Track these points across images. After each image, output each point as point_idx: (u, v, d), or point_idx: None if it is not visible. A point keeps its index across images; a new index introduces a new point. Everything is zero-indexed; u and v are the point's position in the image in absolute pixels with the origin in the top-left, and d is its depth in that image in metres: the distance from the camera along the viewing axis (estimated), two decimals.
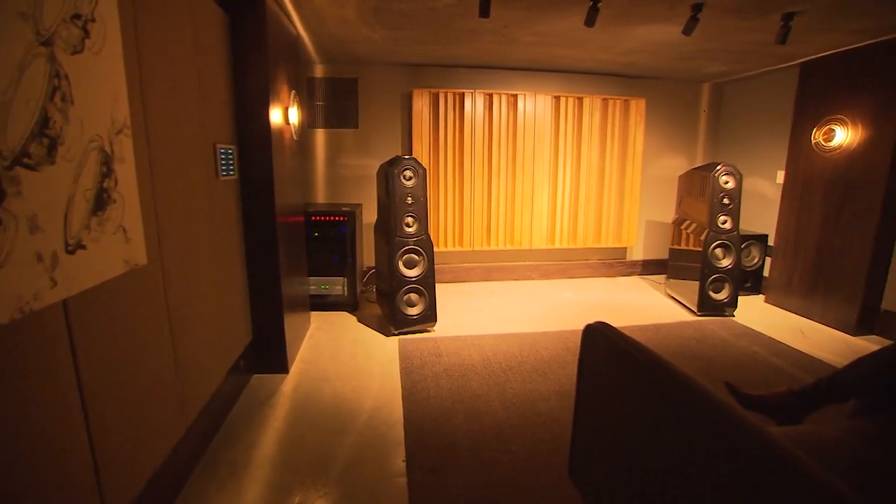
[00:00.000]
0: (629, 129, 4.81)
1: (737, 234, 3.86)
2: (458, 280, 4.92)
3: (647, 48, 3.69)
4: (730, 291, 3.87)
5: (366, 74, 4.43)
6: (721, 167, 3.81)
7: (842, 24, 3.02)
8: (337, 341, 3.33)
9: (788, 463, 0.72)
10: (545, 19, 3.01)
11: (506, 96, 4.52)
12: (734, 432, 0.80)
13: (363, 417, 2.39)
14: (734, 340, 3.39)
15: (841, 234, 3.70)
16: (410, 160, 3.29)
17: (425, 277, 3.35)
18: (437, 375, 2.79)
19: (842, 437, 1.43)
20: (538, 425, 2.28)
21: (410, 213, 3.30)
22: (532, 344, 3.23)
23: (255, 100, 2.48)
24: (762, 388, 1.99)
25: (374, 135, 4.56)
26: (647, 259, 5.33)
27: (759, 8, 2.75)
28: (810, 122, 3.91)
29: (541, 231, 4.82)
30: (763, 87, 4.66)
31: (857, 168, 3.57)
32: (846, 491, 0.64)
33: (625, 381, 1.09)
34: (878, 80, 3.43)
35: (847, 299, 3.66)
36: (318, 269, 3.82)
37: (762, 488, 0.75)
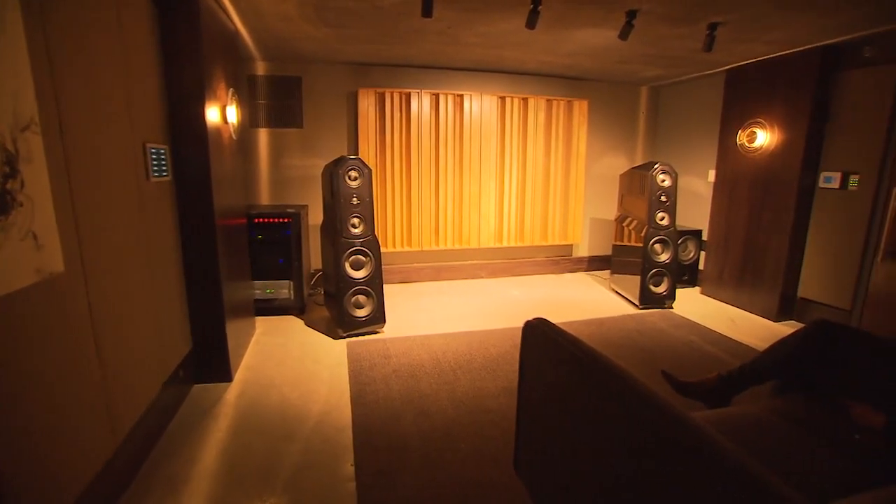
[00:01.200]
0: (573, 130, 4.96)
1: (674, 229, 4.07)
2: (408, 280, 4.90)
3: (588, 51, 3.82)
4: (668, 284, 4.08)
5: (310, 73, 4.33)
6: (658, 166, 4.01)
7: (759, 35, 3.25)
8: (284, 346, 3.24)
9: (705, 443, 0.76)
10: (487, 20, 3.05)
11: (452, 96, 4.55)
12: (658, 417, 0.84)
13: (311, 423, 2.34)
14: (673, 331, 3.57)
15: (764, 229, 3.98)
16: (355, 160, 3.25)
17: (373, 278, 3.31)
18: (387, 377, 2.77)
19: (760, 415, 1.54)
20: (487, 422, 2.31)
21: (356, 214, 3.26)
22: (481, 342, 3.27)
23: (190, 97, 2.36)
24: (697, 374, 2.12)
25: (319, 134, 4.47)
26: (592, 255, 5.52)
27: (687, 17, 2.91)
28: (735, 125, 4.19)
29: (489, 230, 4.89)
30: (695, 91, 4.93)
31: (776, 168, 3.86)
32: (752, 464, 0.69)
33: (562, 375, 1.12)
34: (789, 87, 3.72)
35: (769, 289, 3.94)
36: (263, 273, 3.70)
37: (682, 466, 0.79)
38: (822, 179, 3.69)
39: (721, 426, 1.48)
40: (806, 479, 1.23)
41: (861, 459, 1.35)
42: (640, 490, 0.86)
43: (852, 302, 3.53)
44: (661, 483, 0.82)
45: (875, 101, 3.34)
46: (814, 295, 3.78)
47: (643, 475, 0.86)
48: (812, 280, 3.80)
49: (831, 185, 3.61)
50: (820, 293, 3.74)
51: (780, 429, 1.48)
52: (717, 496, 0.69)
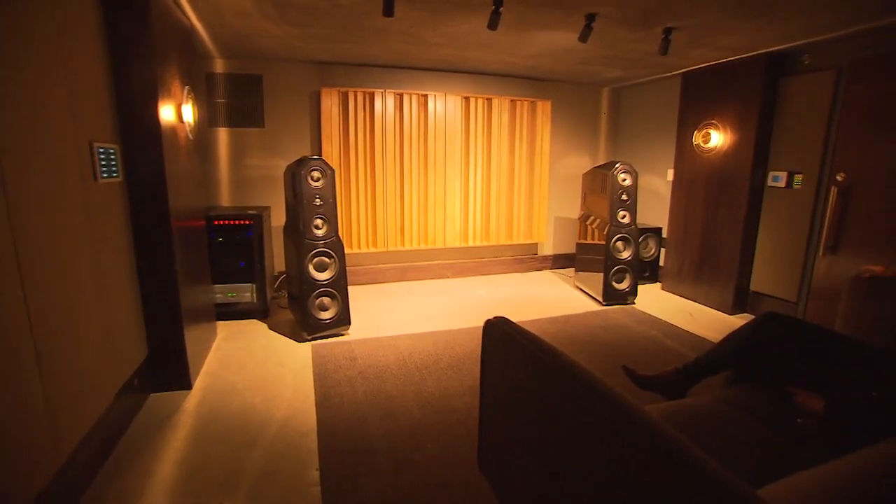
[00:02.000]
0: (536, 130, 5.04)
1: (635, 227, 4.19)
2: (374, 281, 4.87)
3: (550, 53, 3.88)
4: (630, 281, 4.19)
5: (271, 71, 4.24)
6: (619, 165, 4.11)
7: (711, 41, 3.38)
8: (246, 351, 3.16)
9: (653, 434, 0.79)
10: (450, 21, 3.06)
11: (416, 96, 4.54)
12: (610, 411, 0.86)
13: (274, 428, 2.29)
14: (635, 326, 3.67)
15: (719, 226, 4.15)
16: (318, 160, 3.20)
17: (337, 280, 3.27)
18: (352, 379, 2.74)
19: (712, 406, 1.60)
20: (453, 422, 2.32)
21: (319, 215, 3.22)
22: (447, 341, 3.28)
23: (142, 95, 2.27)
24: (657, 368, 2.18)
25: (281, 134, 4.38)
26: (557, 254, 5.62)
27: (643, 22, 2.99)
28: (692, 126, 4.34)
29: (454, 230, 4.91)
30: (654, 93, 5.09)
31: (729, 167, 4.02)
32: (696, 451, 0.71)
33: (521, 372, 1.13)
34: (740, 90, 3.89)
35: (724, 283, 4.11)
36: (225, 276, 3.60)
37: (634, 457, 0.81)
38: (770, 178, 3.87)
39: (676, 417, 1.53)
40: (752, 462, 1.29)
41: (803, 442, 1.43)
42: (596, 482, 0.88)
43: (798, 294, 3.72)
44: (614, 474, 0.84)
45: (814, 105, 3.53)
46: (765, 288, 3.96)
47: (599, 469, 0.88)
48: (763, 274, 3.98)
49: (779, 184, 3.80)
50: (770, 286, 3.92)
51: (729, 417, 1.55)
52: (664, 482, 0.71)
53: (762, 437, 1.45)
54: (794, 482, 0.72)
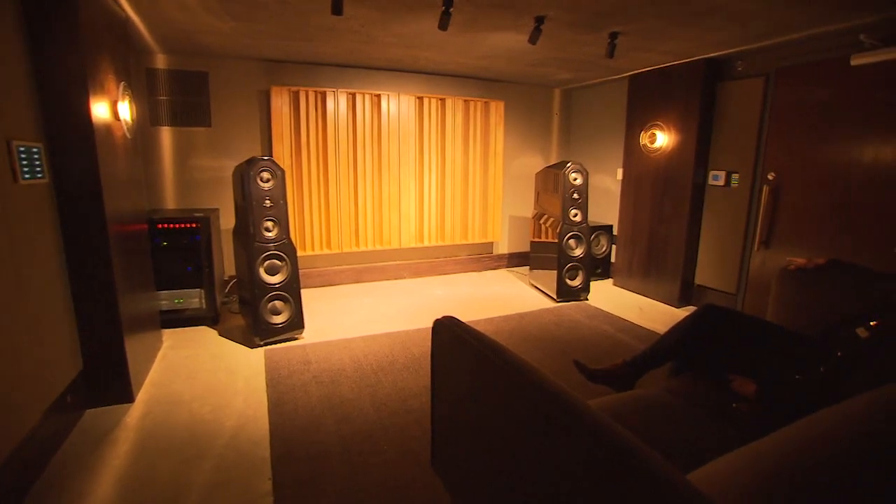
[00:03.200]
0: (490, 130, 5.09)
1: (586, 225, 4.31)
2: (329, 283, 4.79)
3: (502, 54, 3.93)
4: (583, 278, 4.31)
5: (218, 68, 4.09)
6: (570, 165, 4.22)
7: (654, 45, 3.53)
8: (195, 359, 3.03)
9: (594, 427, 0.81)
10: (400, 20, 3.05)
11: (369, 96, 4.50)
12: (553, 405, 0.87)
13: (224, 438, 2.21)
14: (587, 321, 3.78)
15: (665, 223, 4.33)
16: (267, 161, 3.12)
17: (290, 283, 3.20)
18: (306, 384, 2.68)
19: (657, 396, 1.66)
20: (409, 422, 2.31)
21: (270, 217, 3.13)
22: (403, 342, 3.27)
23: (69, 89, 2.13)
24: (608, 361, 2.24)
25: (230, 134, 4.23)
26: (512, 252, 5.70)
27: (590, 25, 3.08)
28: (638, 127, 4.51)
29: (409, 230, 4.89)
30: (603, 95, 5.25)
31: (673, 166, 4.21)
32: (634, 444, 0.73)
33: (470, 370, 1.14)
34: (682, 94, 4.07)
35: (671, 278, 4.29)
36: (171, 282, 3.45)
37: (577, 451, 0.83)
38: (711, 177, 4.07)
39: (623, 408, 1.59)
40: (691, 446, 1.35)
41: (738, 424, 1.51)
42: (542, 475, 0.90)
43: (737, 286, 3.94)
44: (557, 466, 0.86)
45: (747, 109, 3.75)
46: (708, 282, 4.17)
47: (544, 462, 0.90)
48: (706, 268, 4.19)
49: (718, 183, 4.00)
50: (712, 280, 4.13)
51: (672, 406, 1.62)
52: (602, 472, 0.73)
53: (701, 423, 1.52)
54: (722, 462, 0.75)
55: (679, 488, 0.60)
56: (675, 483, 0.61)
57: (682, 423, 1.50)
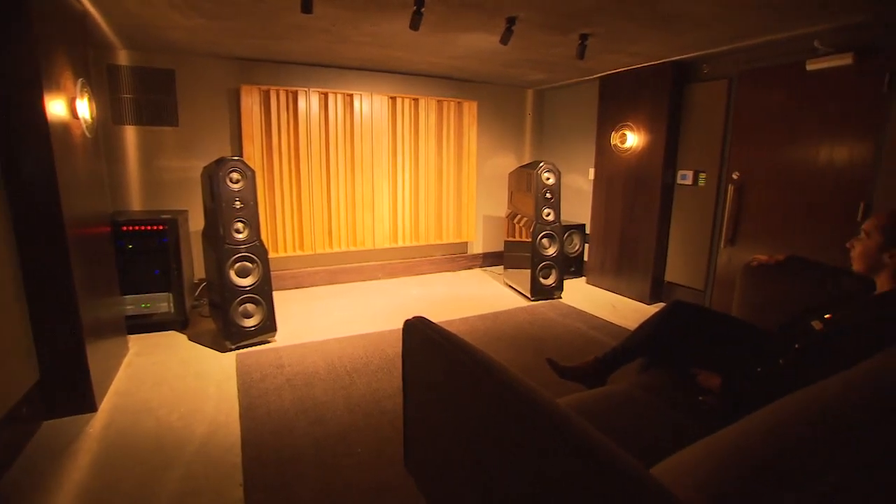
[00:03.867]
0: (463, 130, 5.11)
1: (559, 224, 4.36)
2: (302, 285, 4.72)
3: (475, 55, 3.95)
4: (556, 276, 4.36)
5: (185, 66, 3.98)
6: (543, 165, 4.26)
7: (623, 47, 3.59)
8: (163, 365, 2.95)
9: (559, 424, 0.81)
10: (372, 20, 3.03)
11: (342, 96, 4.46)
12: (521, 403, 0.88)
13: (194, 446, 2.15)
14: (561, 319, 3.83)
15: (636, 222, 4.42)
16: (237, 161, 3.05)
17: (261, 285, 3.14)
18: (279, 387, 2.64)
19: (627, 391, 1.70)
20: (383, 423, 2.30)
21: (240, 219, 3.07)
22: (377, 343, 3.25)
23: (21, 87, 2.03)
24: (581, 358, 2.27)
25: (198, 134, 4.12)
26: (486, 252, 5.73)
27: (561, 27, 3.12)
28: (609, 127, 4.59)
29: (383, 231, 4.87)
30: (575, 95, 5.32)
31: (643, 166, 4.30)
32: (598, 440, 0.74)
33: (440, 370, 1.14)
34: (651, 95, 4.16)
35: (642, 275, 4.38)
36: (137, 286, 3.34)
37: (545, 448, 0.84)
38: (679, 177, 4.18)
39: (594, 405, 1.61)
40: (658, 439, 1.38)
41: (704, 417, 1.55)
42: (511, 472, 0.90)
43: (705, 283, 4.05)
44: (525, 463, 0.86)
45: (713, 110, 3.86)
46: (677, 278, 4.28)
47: (512, 459, 0.90)
48: (676, 265, 4.29)
49: (686, 182, 4.11)
50: (682, 277, 4.24)
51: (641, 401, 1.65)
52: (568, 467, 0.74)
53: (669, 417, 1.56)
54: (685, 454, 0.77)
55: (640, 481, 0.61)
56: (637, 476, 0.62)
57: (650, 417, 1.53)
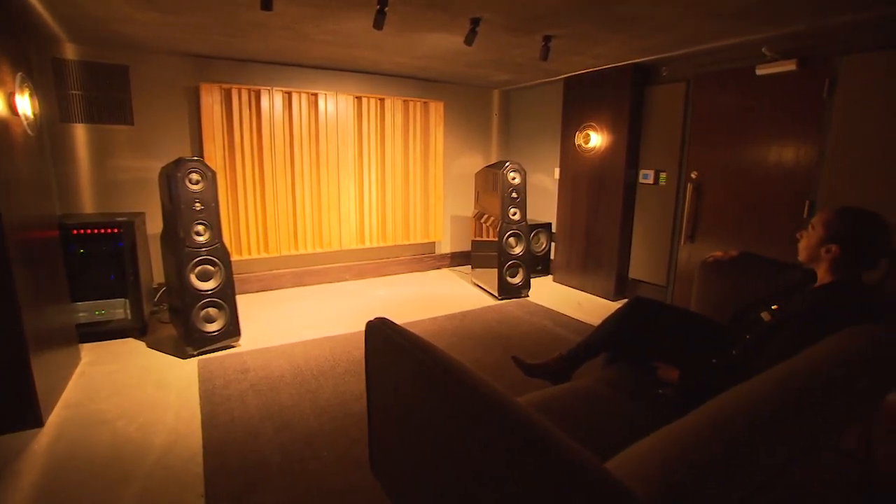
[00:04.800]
0: (430, 130, 5.10)
1: (525, 224, 4.41)
2: (267, 288, 4.62)
3: (440, 55, 3.95)
4: (523, 275, 4.41)
5: (140, 62, 3.83)
6: (509, 164, 4.30)
7: (586, 49, 3.67)
8: (119, 374, 2.83)
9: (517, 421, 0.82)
10: (335, 18, 2.99)
11: (306, 95, 4.38)
12: (477, 401, 0.89)
13: (153, 457, 2.08)
14: (528, 318, 3.87)
15: (600, 220, 4.52)
16: (196, 162, 2.96)
17: (223, 289, 3.06)
18: (243, 393, 2.58)
19: (590, 386, 1.73)
20: (351, 426, 2.27)
21: (201, 221, 2.98)
22: (345, 345, 3.21)
23: None
24: (547, 356, 2.30)
25: (155, 133, 3.98)
26: (454, 252, 5.74)
27: (524, 28, 3.16)
28: (574, 128, 4.68)
29: (350, 231, 4.82)
30: (540, 96, 5.40)
31: (606, 166, 4.40)
32: (555, 436, 0.76)
33: (401, 371, 1.14)
34: (613, 96, 4.26)
35: (607, 273, 4.49)
36: (90, 292, 3.20)
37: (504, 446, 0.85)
38: (641, 176, 4.29)
39: (557, 401, 1.64)
40: (619, 432, 1.41)
41: (664, 409, 1.60)
42: (474, 471, 0.91)
43: (667, 279, 4.18)
44: (487, 461, 0.87)
45: (672, 111, 3.99)
46: (641, 275, 4.40)
47: (475, 458, 0.91)
48: (639, 262, 4.41)
49: (648, 181, 4.23)
50: (645, 273, 4.36)
51: (603, 395, 1.69)
52: (526, 465, 0.75)
53: (630, 410, 1.60)
54: (638, 447, 0.80)
55: (593, 474, 0.63)
56: (591, 469, 0.63)
57: (612, 411, 1.57)
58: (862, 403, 1.17)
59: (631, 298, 2.07)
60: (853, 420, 1.53)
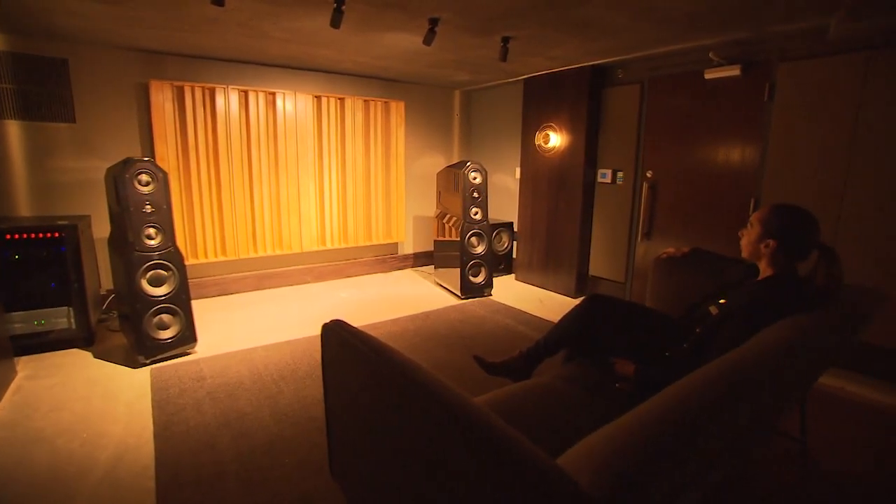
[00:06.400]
0: (391, 130, 5.07)
1: (487, 223, 4.45)
2: (226, 292, 4.48)
3: (400, 55, 3.93)
4: (486, 274, 4.45)
5: (81, 56, 3.63)
6: (469, 164, 4.33)
7: (543, 51, 3.73)
8: (61, 387, 2.68)
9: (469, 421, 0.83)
10: (292, 16, 2.93)
11: (263, 94, 4.27)
12: (431, 402, 0.89)
13: (98, 474, 1.97)
14: (491, 316, 3.91)
15: (560, 219, 4.61)
16: (146, 162, 2.84)
17: (178, 294, 2.94)
18: (199, 401, 2.49)
19: (549, 383, 1.76)
20: (312, 430, 2.23)
21: (152, 224, 2.86)
22: (306, 349, 3.15)
23: None
24: (510, 354, 2.33)
25: (101, 132, 3.79)
26: (417, 252, 5.73)
27: (482, 29, 3.18)
28: (533, 128, 4.75)
29: (311, 233, 4.73)
30: (501, 97, 5.45)
31: (566, 165, 4.49)
32: (505, 434, 0.76)
33: (357, 373, 1.12)
34: (572, 97, 4.36)
35: (567, 270, 4.58)
36: (28, 302, 3.02)
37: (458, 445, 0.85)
38: (599, 175, 4.40)
39: (516, 398, 1.66)
40: (576, 427, 1.45)
41: (620, 402, 1.64)
42: (428, 472, 0.91)
43: (625, 276, 4.31)
44: (441, 461, 0.87)
45: (628, 112, 4.11)
46: (600, 272, 4.51)
47: (429, 459, 0.91)
48: (598, 260, 4.52)
49: (606, 180, 4.34)
50: (604, 270, 4.48)
51: (563, 391, 1.72)
52: (479, 463, 0.76)
53: (587, 404, 1.64)
54: (589, 441, 0.82)
55: (540, 466, 0.64)
56: (540, 464, 0.64)
57: (570, 405, 1.60)
58: (796, 388, 1.24)
59: (587, 296, 2.12)
60: (790, 403, 1.62)
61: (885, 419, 2.47)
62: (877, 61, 2.75)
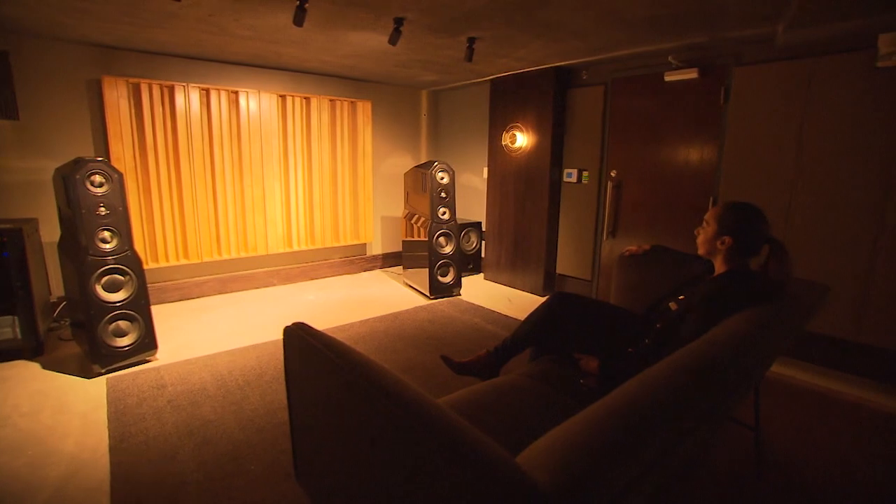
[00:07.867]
0: (358, 130, 5.02)
1: (455, 223, 4.46)
2: (189, 297, 4.34)
3: (366, 54, 3.90)
4: (454, 274, 4.46)
5: (25, 49, 3.43)
6: (437, 164, 4.33)
7: (509, 52, 3.77)
8: (3, 402, 2.52)
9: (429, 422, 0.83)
10: (253, 12, 2.86)
11: (226, 93, 4.16)
12: (391, 403, 0.88)
13: (46, 493, 1.86)
14: (459, 316, 3.92)
15: (528, 218, 4.66)
16: (98, 162, 2.71)
17: (136, 299, 2.83)
18: (160, 410, 2.40)
19: (516, 381, 1.78)
20: (279, 435, 2.19)
21: (106, 227, 2.74)
22: (272, 353, 3.09)
23: None
24: (477, 353, 2.33)
25: (48, 130, 3.60)
26: (385, 252, 5.70)
27: (448, 29, 3.19)
28: (500, 128, 4.80)
29: (277, 235, 4.64)
30: (468, 97, 5.48)
31: (532, 165, 4.55)
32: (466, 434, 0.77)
33: (319, 376, 1.11)
34: (537, 98, 4.42)
35: (535, 269, 4.64)
36: None
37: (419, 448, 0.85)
38: (565, 175, 4.48)
39: (483, 396, 1.67)
40: (541, 423, 1.47)
41: (585, 399, 1.67)
42: (394, 474, 0.90)
43: (592, 274, 4.39)
44: (403, 462, 0.87)
45: (592, 113, 4.20)
46: (567, 270, 4.59)
47: (393, 460, 0.90)
48: (565, 258, 4.60)
49: (572, 180, 4.42)
50: (571, 269, 4.55)
51: (528, 388, 1.74)
52: (441, 465, 0.75)
53: (552, 401, 1.66)
54: (547, 438, 0.83)
55: (497, 464, 0.64)
56: (495, 460, 0.64)
57: (535, 403, 1.62)
58: (752, 376, 1.29)
59: (552, 294, 2.15)
60: (746, 391, 1.69)
61: (828, 402, 2.61)
62: (819, 67, 2.90)
